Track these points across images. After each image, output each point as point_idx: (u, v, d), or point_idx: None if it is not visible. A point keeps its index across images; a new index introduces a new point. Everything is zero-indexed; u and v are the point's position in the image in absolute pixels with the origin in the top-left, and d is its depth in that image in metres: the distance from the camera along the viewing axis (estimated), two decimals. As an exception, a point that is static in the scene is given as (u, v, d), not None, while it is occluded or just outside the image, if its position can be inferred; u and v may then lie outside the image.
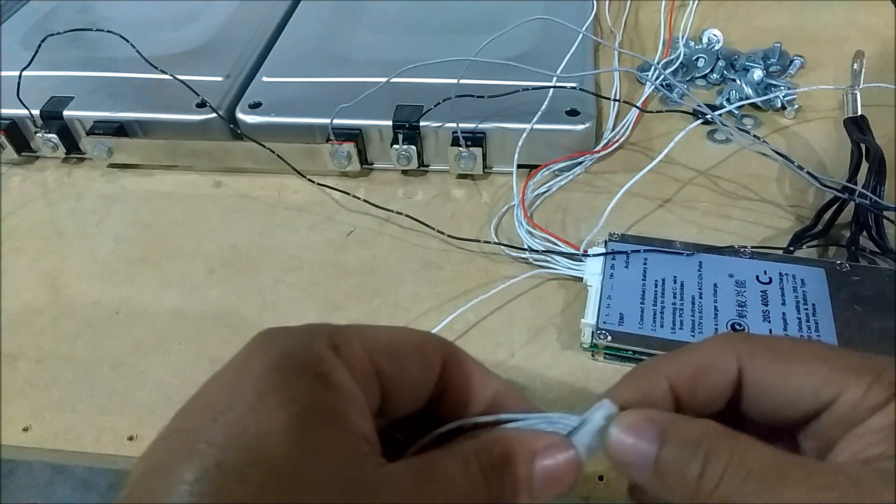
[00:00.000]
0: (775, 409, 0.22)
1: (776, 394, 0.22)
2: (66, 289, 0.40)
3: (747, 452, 0.19)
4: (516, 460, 0.21)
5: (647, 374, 0.23)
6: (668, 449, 0.20)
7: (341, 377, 0.20)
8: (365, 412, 0.20)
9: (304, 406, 0.19)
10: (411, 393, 0.22)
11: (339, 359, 0.20)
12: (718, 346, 0.23)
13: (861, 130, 0.42)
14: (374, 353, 0.21)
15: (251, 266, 0.41)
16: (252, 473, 0.17)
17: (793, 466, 0.19)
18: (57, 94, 0.47)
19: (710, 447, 0.20)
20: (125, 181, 0.47)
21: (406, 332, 0.23)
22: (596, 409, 0.21)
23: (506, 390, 0.24)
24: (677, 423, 0.21)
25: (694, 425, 0.20)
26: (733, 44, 0.53)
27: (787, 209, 0.41)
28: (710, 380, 0.22)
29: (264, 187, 0.46)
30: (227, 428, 0.18)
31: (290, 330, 0.21)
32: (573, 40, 0.46)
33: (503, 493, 0.21)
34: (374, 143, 0.45)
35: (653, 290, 0.35)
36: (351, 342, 0.21)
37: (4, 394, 0.35)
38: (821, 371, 0.21)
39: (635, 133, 0.47)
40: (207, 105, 0.45)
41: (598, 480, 0.30)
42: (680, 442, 0.20)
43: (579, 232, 0.41)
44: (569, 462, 0.21)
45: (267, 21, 0.55)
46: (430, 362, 0.22)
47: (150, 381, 0.35)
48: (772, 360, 0.22)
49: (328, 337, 0.21)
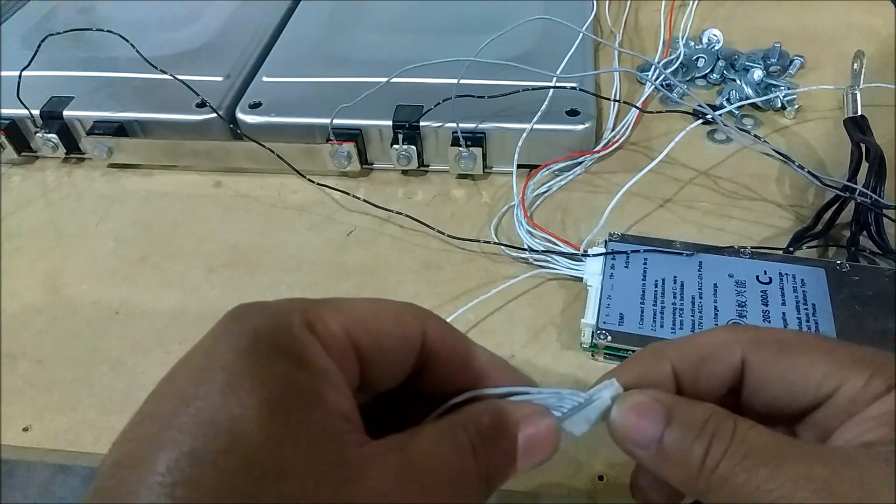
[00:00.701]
0: (776, 399, 0.22)
1: (778, 384, 0.22)
2: (66, 289, 0.40)
3: (748, 433, 0.19)
4: (505, 430, 0.21)
5: (651, 358, 0.23)
6: (673, 430, 0.20)
7: (316, 355, 0.19)
8: (344, 390, 0.19)
9: (278, 388, 0.18)
10: (392, 366, 0.22)
11: (313, 336, 0.19)
12: (723, 335, 0.23)
13: (861, 130, 0.42)
14: (351, 327, 0.20)
15: (251, 266, 0.41)
16: (226, 461, 0.16)
17: (790, 447, 0.19)
18: (57, 94, 0.47)
19: (715, 429, 0.20)
20: (125, 181, 0.47)
21: (383, 304, 0.22)
22: (603, 388, 0.22)
23: (493, 361, 0.23)
24: (683, 405, 0.21)
25: (699, 408, 0.21)
26: (733, 44, 0.53)
27: (787, 209, 0.41)
28: (712, 367, 0.22)
29: (264, 187, 0.46)
30: (199, 414, 0.17)
31: (262, 306, 0.20)
32: (573, 40, 0.46)
33: (492, 465, 0.20)
34: (374, 143, 0.45)
35: (653, 290, 0.35)
36: (325, 317, 0.20)
37: (4, 394, 0.35)
38: (822, 362, 0.21)
39: (635, 133, 0.47)
40: (207, 105, 0.45)
41: (599, 480, 0.30)
42: (685, 423, 0.20)
43: (579, 232, 0.41)
44: (549, 430, 0.21)
45: (267, 21, 0.55)
46: (410, 334, 0.22)
47: (150, 381, 0.34)
48: (775, 350, 0.22)
49: (301, 313, 0.20)
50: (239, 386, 0.18)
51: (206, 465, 0.16)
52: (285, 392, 0.18)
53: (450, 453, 0.20)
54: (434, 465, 0.19)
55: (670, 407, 0.21)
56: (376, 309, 0.21)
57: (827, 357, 0.21)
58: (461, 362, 0.23)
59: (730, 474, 0.19)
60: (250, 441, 0.17)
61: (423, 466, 0.19)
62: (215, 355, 0.19)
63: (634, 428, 0.21)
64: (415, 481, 0.19)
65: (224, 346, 0.19)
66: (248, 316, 0.20)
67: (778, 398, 0.22)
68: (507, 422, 0.21)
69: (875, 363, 0.21)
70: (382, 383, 0.22)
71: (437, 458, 0.19)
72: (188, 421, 0.17)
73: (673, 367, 0.22)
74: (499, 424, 0.21)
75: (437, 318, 0.23)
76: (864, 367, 0.21)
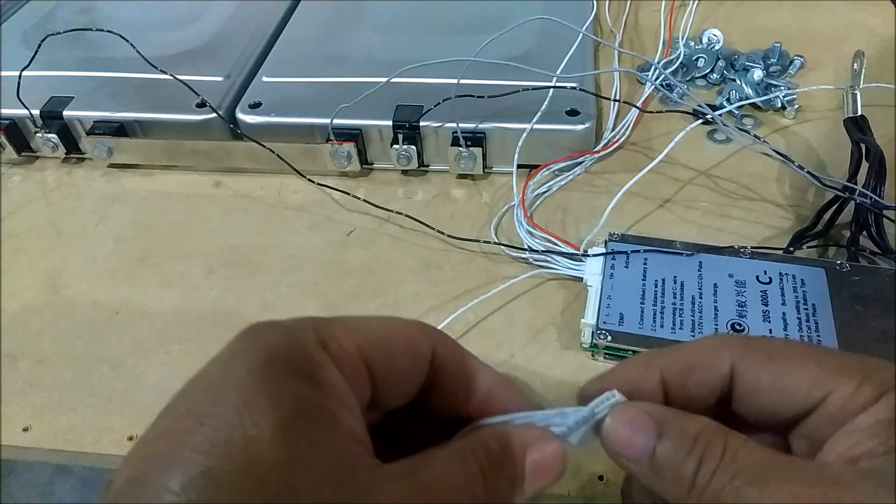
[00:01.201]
0: (766, 407, 0.22)
1: (767, 393, 0.22)
2: (66, 289, 0.40)
3: (738, 450, 0.19)
4: (512, 455, 0.21)
5: (639, 365, 0.23)
6: (665, 444, 0.20)
7: (330, 375, 0.19)
8: (355, 410, 0.20)
9: (292, 408, 0.18)
10: (402, 385, 0.22)
11: (326, 355, 0.20)
12: (712, 344, 0.23)
13: (861, 130, 0.42)
14: (364, 346, 0.21)
15: (251, 266, 0.41)
16: (240, 481, 0.17)
17: (778, 466, 0.19)
18: (57, 94, 0.47)
19: (706, 445, 0.20)
20: (125, 181, 0.47)
21: (395, 323, 0.22)
22: (605, 401, 0.22)
23: (501, 382, 0.23)
24: (675, 418, 0.21)
25: (691, 421, 0.21)
26: (733, 44, 0.53)
27: (787, 209, 0.41)
28: (700, 376, 0.22)
29: (264, 187, 0.46)
30: (213, 434, 0.17)
31: (276, 325, 0.20)
32: (573, 40, 0.46)
33: (500, 490, 0.20)
34: (374, 143, 0.45)
35: (653, 290, 0.35)
36: (339, 336, 0.20)
37: (4, 394, 0.35)
38: (811, 371, 0.21)
39: (635, 133, 0.47)
40: (207, 105, 0.45)
41: (599, 480, 0.30)
42: (677, 438, 0.20)
43: (579, 232, 0.41)
44: (555, 454, 0.21)
45: (267, 21, 0.55)
46: (421, 352, 0.22)
47: (150, 381, 0.35)
48: (763, 359, 0.22)
49: (315, 332, 0.20)
50: (254, 405, 0.18)
51: (221, 486, 0.17)
52: (299, 412, 0.18)
53: (460, 479, 0.20)
54: (445, 490, 0.19)
55: (662, 421, 0.21)
56: (388, 328, 0.22)
57: (815, 365, 0.21)
58: (468, 381, 0.23)
59: (720, 492, 0.19)
60: (265, 462, 0.17)
61: (434, 492, 0.19)
62: (230, 374, 0.19)
63: (627, 441, 0.21)
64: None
65: (238, 364, 0.19)
66: (263, 334, 0.20)
67: (768, 407, 0.22)
68: (515, 447, 0.21)
69: (864, 370, 0.21)
70: (392, 402, 0.22)
71: (447, 484, 0.19)
72: (202, 440, 0.17)
73: (662, 375, 0.22)
74: (506, 449, 0.21)
75: (445, 336, 0.23)
76: (852, 375, 0.21)
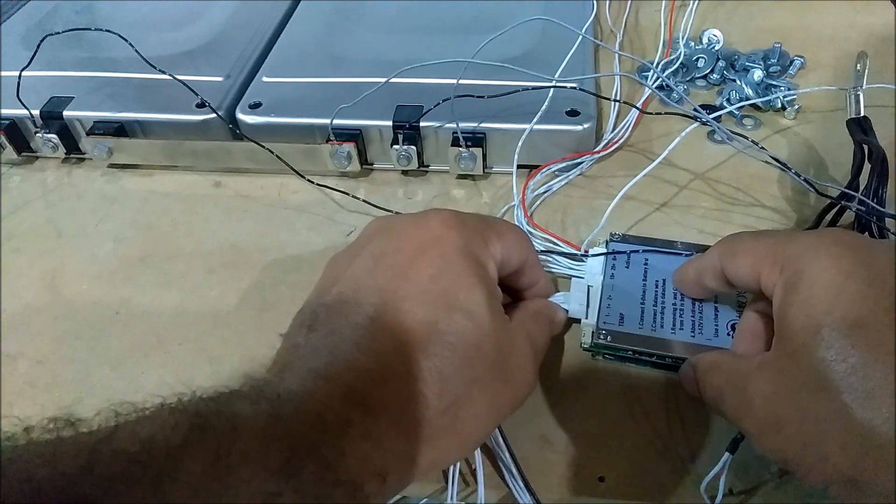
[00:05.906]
0: (745, 289, 0.31)
1: (735, 281, 0.29)
2: (65, 289, 0.40)
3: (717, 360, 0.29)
4: (551, 314, 0.33)
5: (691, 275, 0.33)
6: (697, 372, 0.30)
7: (491, 268, 0.28)
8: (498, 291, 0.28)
9: (489, 287, 0.26)
10: (503, 270, 0.30)
11: (489, 253, 0.28)
12: (710, 252, 0.31)
13: (864, 131, 0.42)
14: (502, 249, 0.29)
15: (251, 266, 0.41)
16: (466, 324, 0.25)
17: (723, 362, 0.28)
18: (57, 94, 0.47)
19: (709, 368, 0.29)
20: (125, 181, 0.47)
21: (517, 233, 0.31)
22: (575, 289, 0.36)
23: (547, 283, 0.34)
24: (701, 357, 0.30)
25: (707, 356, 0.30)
26: (733, 44, 0.53)
27: (788, 211, 0.41)
28: (710, 275, 0.31)
29: (264, 187, 0.46)
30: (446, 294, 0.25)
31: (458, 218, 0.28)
32: (573, 41, 0.46)
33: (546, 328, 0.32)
34: (374, 144, 0.45)
35: (653, 291, 0.35)
36: (492, 240, 0.28)
37: (4, 394, 0.35)
38: (748, 261, 0.28)
39: (635, 134, 0.47)
40: (207, 105, 0.45)
41: (599, 481, 0.30)
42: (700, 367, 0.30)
43: (579, 232, 0.41)
44: (562, 316, 0.34)
45: (267, 21, 0.55)
46: (524, 257, 0.30)
47: (150, 381, 0.35)
48: (729, 255, 0.29)
49: (481, 235, 0.28)
50: (469, 278, 0.25)
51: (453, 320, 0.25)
52: (492, 293, 0.26)
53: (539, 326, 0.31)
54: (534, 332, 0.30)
55: (695, 361, 0.31)
56: (515, 237, 0.30)
57: (751, 255, 0.28)
58: (531, 274, 0.32)
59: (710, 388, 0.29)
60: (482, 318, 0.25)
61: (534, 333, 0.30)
62: (444, 249, 0.26)
63: (688, 375, 0.31)
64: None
65: (448, 242, 0.26)
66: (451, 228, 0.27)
67: (745, 289, 0.32)
68: (551, 310, 0.33)
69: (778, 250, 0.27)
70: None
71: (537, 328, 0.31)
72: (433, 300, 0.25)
73: (702, 281, 0.32)
74: (549, 311, 0.33)
75: (534, 249, 0.32)
76: (775, 259, 0.26)
